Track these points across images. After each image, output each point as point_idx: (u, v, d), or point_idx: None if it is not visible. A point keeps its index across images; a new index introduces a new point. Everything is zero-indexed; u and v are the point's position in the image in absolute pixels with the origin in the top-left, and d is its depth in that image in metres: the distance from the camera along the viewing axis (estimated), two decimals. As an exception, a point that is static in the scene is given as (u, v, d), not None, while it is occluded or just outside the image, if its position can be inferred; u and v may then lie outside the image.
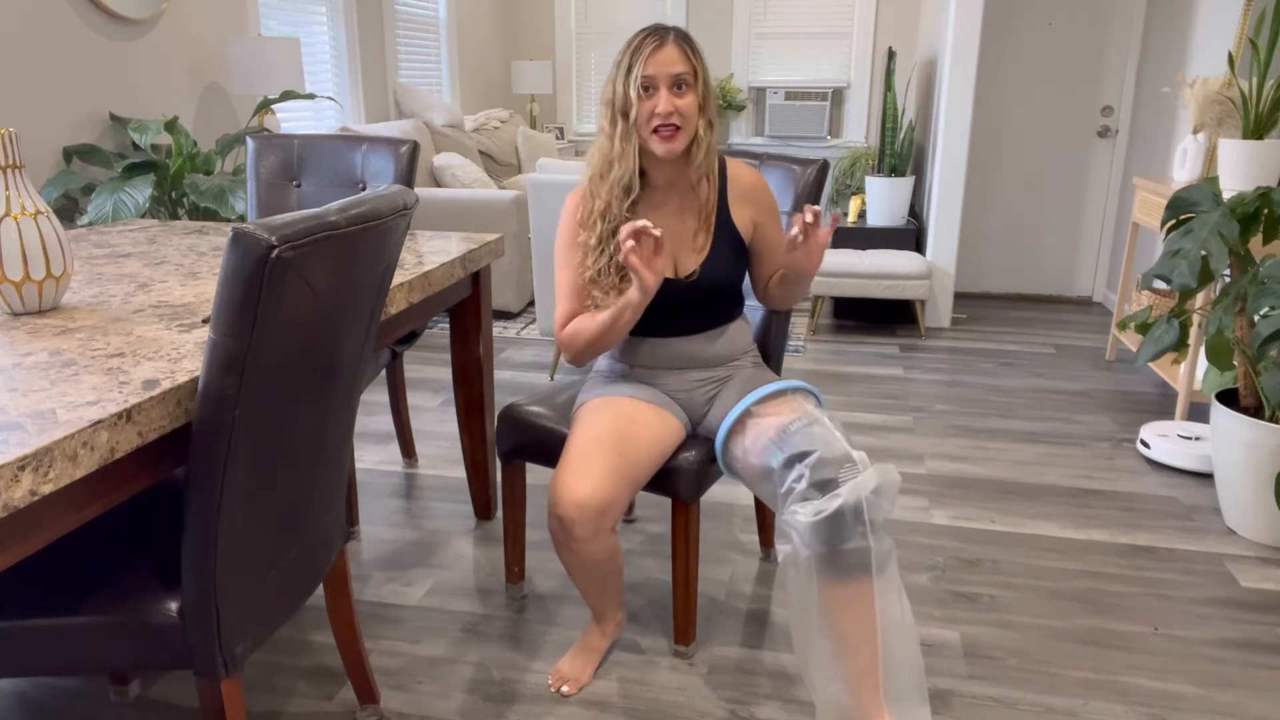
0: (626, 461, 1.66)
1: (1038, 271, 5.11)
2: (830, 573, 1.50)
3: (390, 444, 2.97)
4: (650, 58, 1.61)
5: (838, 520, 1.48)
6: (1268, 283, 2.21)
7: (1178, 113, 4.09)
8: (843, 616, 1.52)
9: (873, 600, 1.51)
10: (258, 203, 2.49)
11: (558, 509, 1.61)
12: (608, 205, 1.70)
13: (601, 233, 1.70)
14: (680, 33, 1.66)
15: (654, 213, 1.75)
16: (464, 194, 4.26)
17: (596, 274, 1.71)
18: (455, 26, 5.78)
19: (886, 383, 3.62)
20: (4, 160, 1.42)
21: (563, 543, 1.65)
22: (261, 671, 1.84)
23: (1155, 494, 2.66)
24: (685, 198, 1.76)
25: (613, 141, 1.67)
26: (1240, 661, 1.89)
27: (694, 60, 1.64)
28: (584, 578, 1.75)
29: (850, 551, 1.49)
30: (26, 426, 1.01)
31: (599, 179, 1.70)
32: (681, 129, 1.64)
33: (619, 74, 1.64)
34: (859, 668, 1.53)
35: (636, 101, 1.62)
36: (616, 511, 1.64)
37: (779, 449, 1.59)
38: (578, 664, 1.82)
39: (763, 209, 1.81)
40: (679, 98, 1.63)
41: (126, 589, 1.22)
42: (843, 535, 1.49)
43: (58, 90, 2.98)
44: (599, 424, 1.70)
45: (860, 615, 1.51)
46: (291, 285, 1.09)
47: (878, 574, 1.50)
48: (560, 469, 1.64)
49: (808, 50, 6.11)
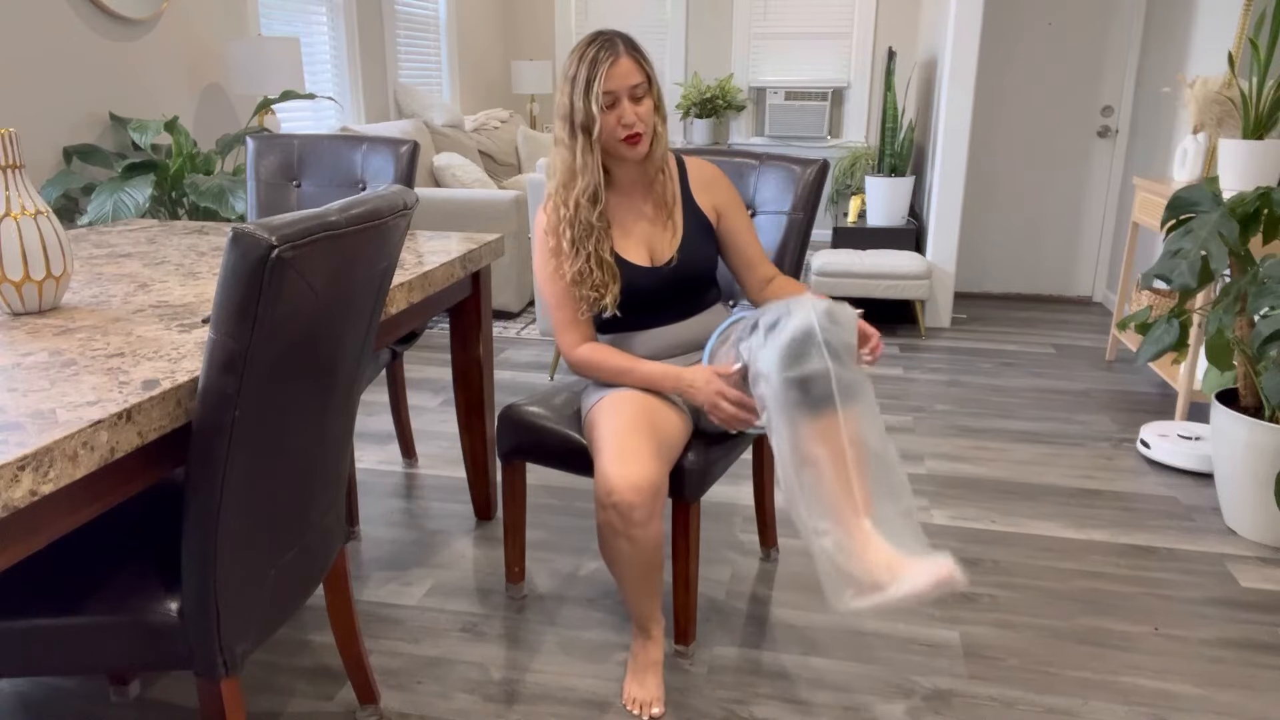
0: (662, 442, 1.68)
1: (1038, 271, 5.11)
2: (801, 408, 1.53)
3: (390, 444, 2.97)
4: (609, 73, 1.67)
5: (793, 344, 1.52)
6: (1268, 283, 2.21)
7: (1178, 113, 4.09)
8: (817, 450, 1.53)
9: (839, 426, 1.52)
10: (258, 203, 2.49)
11: (613, 497, 1.58)
12: (576, 210, 1.75)
13: (574, 236, 1.76)
14: (628, 41, 1.71)
15: (624, 210, 1.82)
16: (464, 194, 4.26)
17: (578, 274, 1.76)
18: (455, 26, 5.78)
19: (886, 383, 3.62)
20: (4, 160, 1.42)
21: (621, 532, 1.61)
22: (261, 671, 1.84)
23: (1155, 494, 2.66)
24: (648, 191, 1.85)
25: (574, 154, 1.73)
26: (1240, 661, 1.89)
27: (646, 67, 1.72)
28: (636, 572, 1.68)
29: (814, 378, 1.51)
30: (26, 426, 1.01)
31: (565, 189, 1.76)
32: (644, 133, 1.73)
33: (575, 90, 1.69)
34: (837, 498, 1.52)
35: (599, 115, 1.68)
36: (665, 492, 1.65)
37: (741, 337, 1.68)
38: (649, 684, 1.76)
39: (721, 195, 1.90)
40: (639, 105, 1.71)
41: (126, 589, 1.22)
42: (801, 358, 1.52)
43: (58, 90, 2.98)
44: (625, 413, 1.70)
45: (833, 443, 1.52)
46: (291, 285, 1.09)
47: (844, 399, 1.52)
48: (604, 461, 1.62)
49: (808, 50, 6.11)
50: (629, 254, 1.81)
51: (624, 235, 1.82)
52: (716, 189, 1.90)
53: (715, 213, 1.89)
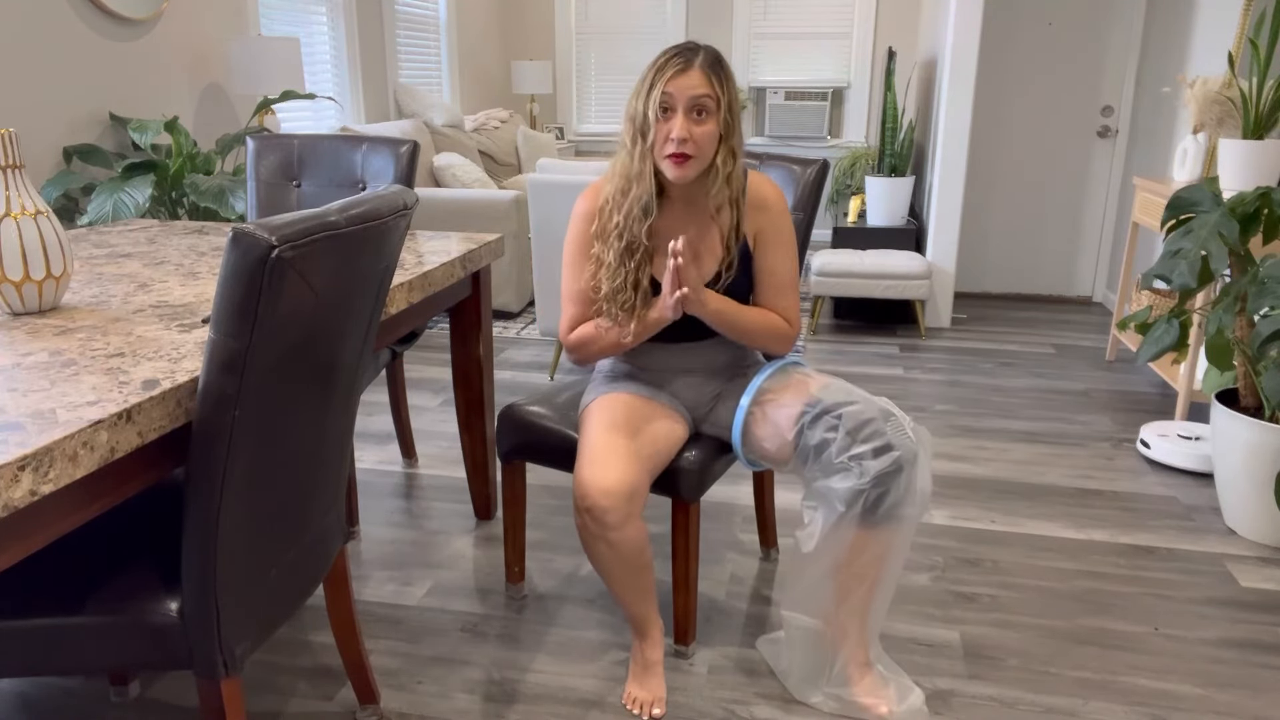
0: (643, 447, 1.67)
1: (1038, 271, 5.11)
2: (865, 522, 1.60)
3: (390, 444, 2.97)
4: (673, 79, 1.56)
5: (893, 472, 1.57)
6: (1268, 283, 2.21)
7: (1178, 113, 4.09)
8: (856, 559, 1.63)
9: (889, 553, 1.63)
10: (258, 203, 2.49)
11: (586, 500, 1.59)
12: (627, 224, 1.66)
13: (620, 251, 1.67)
14: (712, 56, 1.60)
15: (672, 231, 1.71)
16: (464, 194, 4.26)
17: (614, 291, 1.68)
18: (455, 26, 5.78)
19: (887, 383, 3.62)
20: (4, 160, 1.42)
21: (597, 535, 1.61)
22: (261, 671, 1.84)
23: (1155, 494, 2.66)
24: (704, 217, 1.72)
25: (632, 160, 1.64)
26: (1240, 661, 1.89)
27: (718, 87, 1.58)
28: (620, 574, 1.68)
29: (891, 504, 1.59)
30: (26, 426, 1.01)
31: (620, 195, 1.67)
32: (694, 157, 1.59)
33: (641, 90, 1.60)
34: (852, 608, 1.68)
35: (654, 123, 1.58)
36: (643, 496, 1.64)
37: (810, 412, 1.66)
38: (650, 683, 1.76)
39: (771, 226, 1.75)
40: (697, 124, 1.58)
41: (126, 589, 1.22)
42: (890, 489, 1.58)
43: (58, 90, 2.98)
44: (611, 417, 1.70)
45: (874, 563, 1.63)
46: (291, 285, 1.09)
47: (901, 530, 1.62)
48: (581, 464, 1.63)
49: (808, 50, 6.12)
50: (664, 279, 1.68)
51: (663, 259, 1.71)
52: (768, 215, 1.75)
53: (754, 239, 1.75)
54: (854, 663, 1.72)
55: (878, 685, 1.71)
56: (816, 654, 1.74)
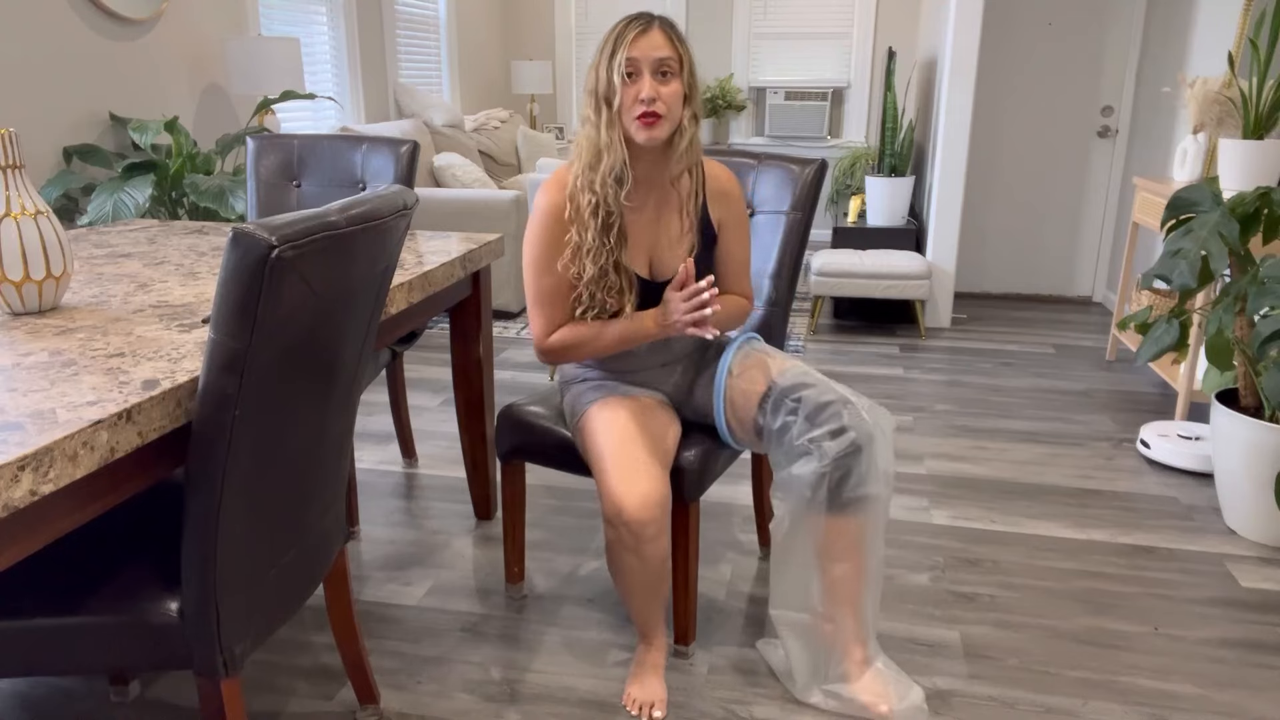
0: (660, 450, 1.68)
1: (1038, 271, 5.11)
2: (833, 506, 1.62)
3: (390, 444, 2.97)
4: (634, 42, 1.56)
5: (851, 454, 1.60)
6: (1268, 283, 2.21)
7: (1178, 113, 4.09)
8: (833, 546, 1.65)
9: (864, 536, 1.65)
10: (258, 203, 2.49)
11: (624, 515, 1.56)
12: (602, 196, 1.62)
13: (599, 230, 1.63)
14: (666, 20, 1.62)
15: (634, 210, 1.69)
16: (464, 194, 4.26)
17: (599, 274, 1.64)
18: (455, 26, 5.78)
19: (887, 383, 3.62)
20: (4, 160, 1.42)
21: (631, 549, 1.59)
22: (261, 671, 1.84)
23: (1155, 494, 2.66)
24: (664, 193, 1.72)
25: (599, 130, 1.60)
26: (1240, 661, 1.89)
27: (679, 47, 1.60)
28: (644, 584, 1.67)
29: (854, 485, 1.61)
30: (26, 426, 1.01)
31: (589, 170, 1.62)
32: (664, 117, 1.59)
33: (602, 59, 1.59)
34: (838, 599, 1.68)
35: (620, 87, 1.57)
36: (670, 501, 1.66)
37: (771, 396, 1.70)
38: (651, 685, 1.75)
39: (731, 209, 1.79)
40: (663, 84, 1.58)
41: (126, 589, 1.22)
42: (852, 470, 1.60)
43: (58, 90, 2.98)
44: (619, 424, 1.68)
45: (851, 549, 1.65)
46: (291, 285, 1.09)
47: (871, 511, 1.64)
48: (609, 481, 1.59)
49: (808, 50, 6.12)
50: (629, 260, 1.69)
51: (635, 243, 1.70)
52: (729, 203, 1.78)
53: (719, 226, 1.78)
54: (852, 660, 1.72)
55: (877, 683, 1.71)
56: (811, 650, 1.74)
